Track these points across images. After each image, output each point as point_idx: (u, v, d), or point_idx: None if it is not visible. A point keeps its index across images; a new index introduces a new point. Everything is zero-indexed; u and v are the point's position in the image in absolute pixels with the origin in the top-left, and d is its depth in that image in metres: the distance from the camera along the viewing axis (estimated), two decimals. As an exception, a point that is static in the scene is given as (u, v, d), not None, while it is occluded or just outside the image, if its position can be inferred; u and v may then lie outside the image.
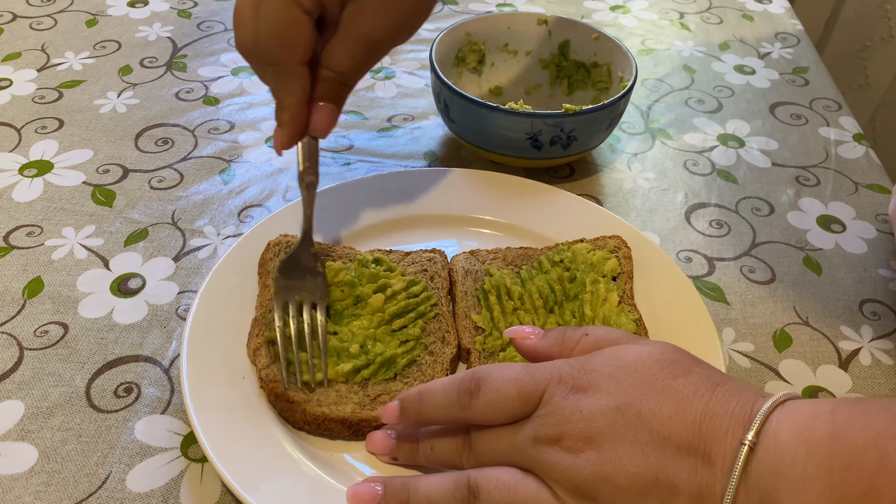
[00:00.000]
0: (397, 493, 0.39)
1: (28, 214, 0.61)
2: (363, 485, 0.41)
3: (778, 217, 0.65)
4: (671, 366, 0.38)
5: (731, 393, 0.36)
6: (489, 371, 0.40)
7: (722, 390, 0.36)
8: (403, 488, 0.39)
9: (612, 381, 0.37)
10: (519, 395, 0.38)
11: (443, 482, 0.39)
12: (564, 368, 0.39)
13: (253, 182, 0.66)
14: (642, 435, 0.35)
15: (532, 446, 0.37)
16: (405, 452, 0.43)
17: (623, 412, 0.36)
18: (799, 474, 0.32)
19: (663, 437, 0.35)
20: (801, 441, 0.33)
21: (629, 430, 0.36)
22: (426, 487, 0.39)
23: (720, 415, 0.35)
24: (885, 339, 0.55)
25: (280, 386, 0.45)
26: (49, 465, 0.44)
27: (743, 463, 0.33)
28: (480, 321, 0.51)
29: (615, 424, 0.36)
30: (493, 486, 0.37)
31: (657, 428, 0.35)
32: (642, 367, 0.38)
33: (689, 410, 0.36)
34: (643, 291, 0.54)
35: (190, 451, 0.45)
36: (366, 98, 0.77)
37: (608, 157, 0.71)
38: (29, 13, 0.87)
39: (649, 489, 0.35)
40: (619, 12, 0.96)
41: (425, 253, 0.56)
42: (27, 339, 0.51)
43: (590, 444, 0.36)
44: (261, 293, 0.51)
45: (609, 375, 0.38)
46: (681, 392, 0.36)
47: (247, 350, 0.48)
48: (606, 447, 0.36)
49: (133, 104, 0.74)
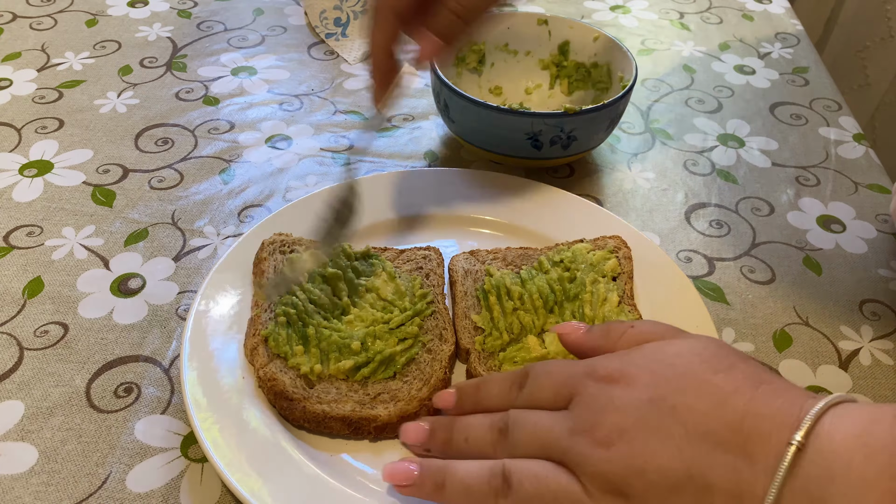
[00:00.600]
0: (433, 475, 0.40)
1: (28, 214, 0.61)
2: (399, 464, 0.41)
3: (778, 217, 0.65)
4: (712, 360, 0.37)
5: (776, 392, 0.35)
6: (536, 364, 0.42)
7: (767, 388, 0.35)
8: (440, 471, 0.39)
9: (649, 374, 0.37)
10: (553, 385, 0.39)
11: (479, 468, 0.39)
12: (601, 360, 0.39)
13: (253, 182, 0.66)
14: (676, 429, 0.34)
15: (565, 437, 0.37)
16: (438, 444, 0.43)
17: (657, 405, 0.35)
18: (856, 479, 0.31)
19: (699, 432, 0.34)
20: (858, 444, 0.31)
21: (663, 424, 0.35)
22: (463, 472, 0.39)
23: (764, 413, 0.34)
24: (885, 339, 0.55)
25: (279, 384, 0.45)
26: (49, 465, 0.44)
27: (790, 464, 0.32)
28: (480, 321, 0.51)
29: (648, 417, 0.35)
30: (525, 477, 0.37)
31: (693, 423, 0.34)
32: (681, 361, 0.37)
33: (728, 407, 0.34)
34: (643, 291, 0.54)
35: (190, 451, 0.45)
36: (366, 98, 0.77)
37: (608, 157, 0.71)
38: (29, 13, 0.87)
39: (682, 485, 0.34)
40: (619, 12, 0.96)
41: (420, 251, 0.56)
42: (27, 339, 0.51)
43: (622, 437, 0.35)
44: (256, 293, 0.51)
45: (646, 368, 0.37)
46: (721, 388, 0.35)
47: (244, 350, 0.48)
48: (638, 440, 0.35)
49: (133, 104, 0.74)
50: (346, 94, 0.77)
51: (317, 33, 0.87)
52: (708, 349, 0.38)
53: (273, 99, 0.76)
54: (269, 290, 0.50)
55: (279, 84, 0.78)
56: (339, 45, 0.85)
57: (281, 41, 0.86)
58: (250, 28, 0.87)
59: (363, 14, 0.51)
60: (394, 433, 0.45)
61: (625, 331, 0.42)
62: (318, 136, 0.72)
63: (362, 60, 0.52)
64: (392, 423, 0.45)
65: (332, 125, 0.73)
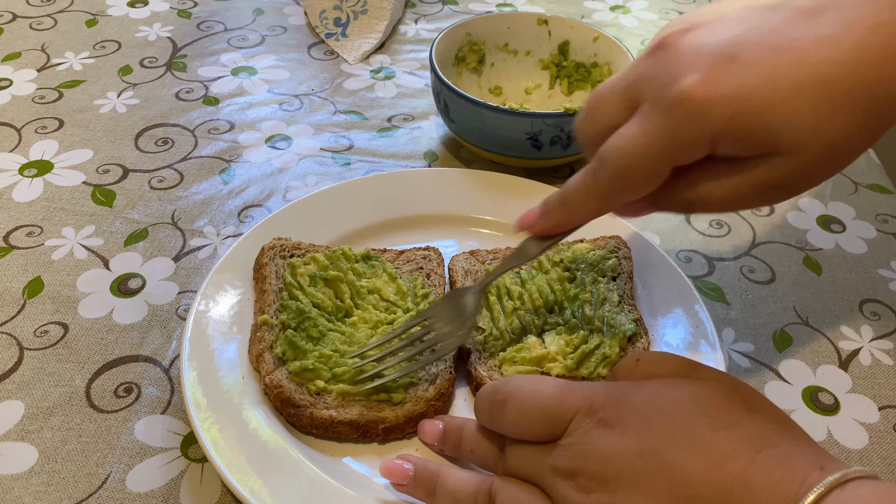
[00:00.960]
0: (425, 480, 0.40)
1: (28, 214, 0.61)
2: (397, 462, 0.41)
3: (778, 217, 0.65)
4: (715, 413, 0.33)
5: (778, 459, 0.31)
6: (520, 386, 0.38)
7: (768, 454, 0.31)
8: (432, 476, 0.40)
9: (643, 421, 0.34)
10: (545, 419, 0.37)
11: (468, 482, 0.39)
12: (599, 397, 0.36)
13: (253, 182, 0.66)
14: (662, 487, 0.32)
15: (549, 475, 0.36)
16: (450, 447, 0.44)
17: (646, 458, 0.33)
18: None
19: (685, 495, 0.31)
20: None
21: (648, 479, 0.32)
22: (453, 482, 0.39)
23: (758, 485, 0.30)
24: (885, 339, 0.55)
25: (286, 391, 0.45)
26: (49, 465, 0.44)
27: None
28: (481, 321, 0.51)
29: (634, 470, 0.33)
30: (508, 502, 0.37)
31: (680, 483, 0.32)
32: (680, 411, 0.34)
33: (722, 471, 0.31)
34: (643, 291, 0.54)
35: (190, 451, 0.45)
36: (366, 98, 0.77)
37: (608, 157, 0.71)
38: (29, 13, 0.87)
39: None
40: (619, 12, 0.96)
41: (420, 251, 0.56)
42: (27, 339, 0.51)
43: (604, 486, 0.33)
44: (258, 298, 0.51)
45: (641, 413, 0.34)
46: (717, 448, 0.32)
47: (249, 357, 0.48)
48: (620, 493, 0.33)
49: (133, 104, 0.74)
50: (346, 94, 0.77)
51: (317, 33, 0.87)
52: (714, 399, 0.34)
53: (273, 99, 0.76)
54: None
55: (279, 84, 0.78)
56: (339, 45, 0.85)
57: (281, 41, 0.86)
58: (250, 28, 0.87)
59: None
60: (402, 434, 0.46)
61: (630, 367, 0.39)
62: (318, 136, 0.72)
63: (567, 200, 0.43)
64: (400, 423, 0.45)
65: (332, 125, 0.73)
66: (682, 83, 0.34)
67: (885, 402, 0.51)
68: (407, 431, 0.46)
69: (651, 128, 0.35)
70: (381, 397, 0.46)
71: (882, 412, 0.50)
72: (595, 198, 0.40)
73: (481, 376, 0.47)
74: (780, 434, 0.33)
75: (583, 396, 0.36)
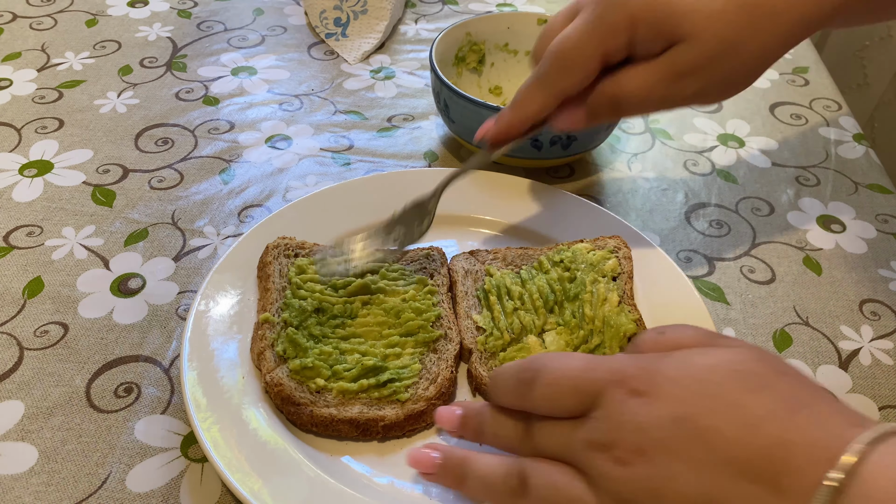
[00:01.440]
0: (454, 467, 0.40)
1: (28, 214, 0.61)
2: (423, 451, 0.41)
3: (778, 217, 0.65)
4: (748, 377, 0.33)
5: (816, 419, 0.31)
6: (547, 362, 0.38)
7: (805, 414, 0.31)
8: (461, 463, 0.39)
9: (677, 388, 0.34)
10: (575, 392, 0.36)
11: (499, 466, 0.38)
12: (629, 367, 0.36)
13: (253, 182, 0.66)
14: (700, 453, 0.32)
15: (583, 450, 0.35)
16: (470, 432, 0.43)
17: (682, 425, 0.33)
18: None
19: (724, 458, 0.31)
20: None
21: (685, 446, 0.32)
22: (483, 468, 0.39)
23: (798, 443, 0.30)
24: (885, 339, 0.55)
25: (286, 389, 0.45)
26: (49, 465, 0.44)
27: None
28: (481, 321, 0.51)
29: (671, 438, 0.33)
30: (542, 484, 0.36)
31: (718, 448, 0.32)
32: (714, 377, 0.34)
33: (759, 433, 0.31)
34: (643, 291, 0.54)
35: (190, 451, 0.45)
36: (366, 98, 0.77)
37: (608, 157, 0.71)
38: (29, 13, 0.87)
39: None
40: (619, 12, 0.95)
41: (422, 251, 0.56)
42: (27, 339, 0.51)
43: (641, 457, 0.33)
44: (261, 297, 0.51)
45: (674, 381, 0.34)
46: (753, 411, 0.32)
47: (251, 354, 0.48)
48: (659, 462, 0.33)
49: (133, 104, 0.74)
50: (346, 94, 0.77)
51: (317, 33, 0.87)
52: (745, 363, 0.34)
53: (273, 99, 0.76)
54: (319, 265, 0.53)
55: (279, 84, 0.78)
56: (339, 45, 0.85)
57: (281, 41, 0.86)
58: (250, 28, 0.87)
59: (530, 59, 0.51)
60: (402, 432, 0.46)
61: (654, 340, 0.39)
62: (318, 136, 0.72)
63: (510, 105, 0.50)
64: (400, 422, 0.45)
65: (331, 125, 0.73)
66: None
67: (885, 402, 0.51)
68: (407, 429, 0.46)
69: (583, 19, 0.46)
70: (384, 393, 0.46)
71: (882, 412, 0.50)
72: (538, 89, 0.48)
73: (481, 376, 0.48)
74: (812, 395, 0.33)
75: (613, 368, 0.36)
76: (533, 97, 0.48)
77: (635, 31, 0.44)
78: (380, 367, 0.47)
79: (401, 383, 0.46)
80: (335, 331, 0.49)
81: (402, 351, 0.49)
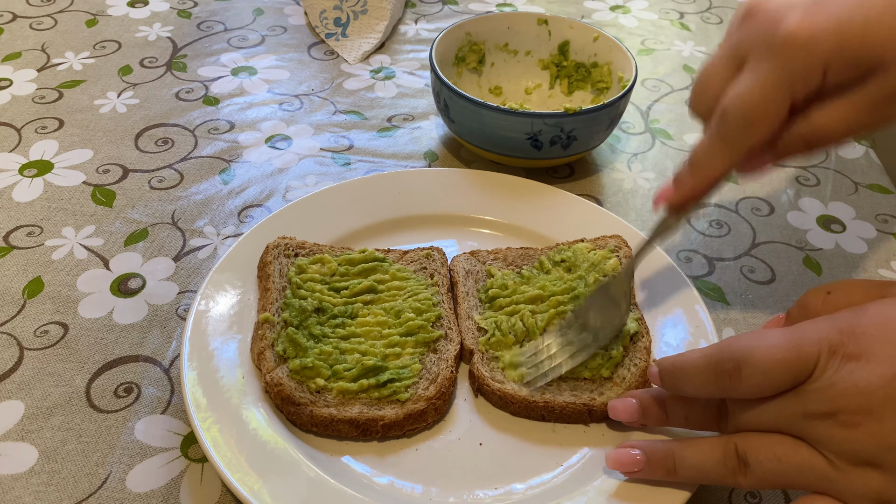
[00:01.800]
0: (662, 460, 0.40)
1: (28, 214, 0.61)
2: (622, 452, 0.41)
3: (778, 217, 0.65)
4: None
5: None
6: (749, 349, 0.38)
7: None
8: (668, 455, 0.40)
9: (889, 346, 0.35)
10: (789, 372, 0.36)
11: (711, 449, 0.39)
12: (834, 335, 0.36)
13: (253, 182, 0.66)
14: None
15: (802, 420, 0.36)
16: (653, 419, 0.43)
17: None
18: None
19: None
20: None
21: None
22: (693, 455, 0.39)
23: None
24: (885, 339, 0.55)
25: (286, 389, 0.45)
26: (49, 465, 0.44)
27: None
28: (482, 322, 0.51)
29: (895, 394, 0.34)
30: (764, 457, 0.37)
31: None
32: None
33: None
34: (643, 291, 0.54)
35: (190, 451, 0.45)
36: (366, 98, 0.77)
37: (608, 157, 0.71)
38: (29, 13, 0.87)
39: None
40: (619, 12, 0.96)
41: (423, 251, 0.56)
42: (27, 339, 0.51)
43: (870, 417, 0.34)
44: (261, 297, 0.51)
45: (881, 339, 0.35)
46: None
47: (251, 354, 0.48)
48: (889, 417, 0.34)
49: (133, 104, 0.74)
50: (345, 94, 0.77)
51: (317, 33, 0.87)
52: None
53: (273, 99, 0.76)
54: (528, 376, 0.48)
55: (279, 84, 0.78)
56: (339, 45, 0.85)
57: (281, 41, 0.86)
58: (250, 28, 0.87)
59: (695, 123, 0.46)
60: (402, 431, 0.46)
61: (823, 300, 0.41)
62: (318, 136, 0.72)
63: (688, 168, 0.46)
64: (399, 421, 0.45)
65: (331, 125, 0.73)
66: (784, 26, 0.39)
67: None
68: (406, 429, 0.46)
69: (764, 70, 0.40)
70: (384, 393, 0.46)
71: (882, 412, 0.50)
72: (721, 151, 0.43)
73: (483, 376, 0.48)
74: None
75: (818, 339, 0.37)
76: (715, 159, 0.44)
77: (828, 73, 0.39)
78: (380, 367, 0.47)
79: (401, 383, 0.46)
80: (335, 330, 0.49)
81: (402, 351, 0.49)
